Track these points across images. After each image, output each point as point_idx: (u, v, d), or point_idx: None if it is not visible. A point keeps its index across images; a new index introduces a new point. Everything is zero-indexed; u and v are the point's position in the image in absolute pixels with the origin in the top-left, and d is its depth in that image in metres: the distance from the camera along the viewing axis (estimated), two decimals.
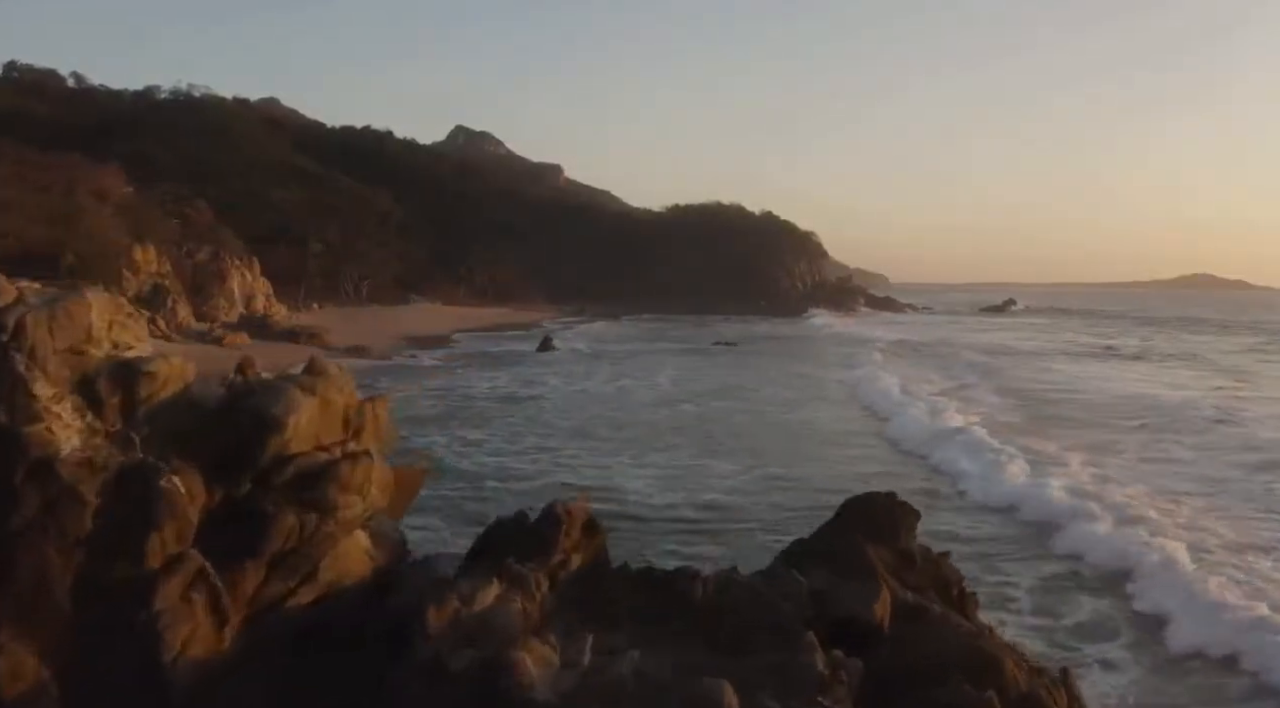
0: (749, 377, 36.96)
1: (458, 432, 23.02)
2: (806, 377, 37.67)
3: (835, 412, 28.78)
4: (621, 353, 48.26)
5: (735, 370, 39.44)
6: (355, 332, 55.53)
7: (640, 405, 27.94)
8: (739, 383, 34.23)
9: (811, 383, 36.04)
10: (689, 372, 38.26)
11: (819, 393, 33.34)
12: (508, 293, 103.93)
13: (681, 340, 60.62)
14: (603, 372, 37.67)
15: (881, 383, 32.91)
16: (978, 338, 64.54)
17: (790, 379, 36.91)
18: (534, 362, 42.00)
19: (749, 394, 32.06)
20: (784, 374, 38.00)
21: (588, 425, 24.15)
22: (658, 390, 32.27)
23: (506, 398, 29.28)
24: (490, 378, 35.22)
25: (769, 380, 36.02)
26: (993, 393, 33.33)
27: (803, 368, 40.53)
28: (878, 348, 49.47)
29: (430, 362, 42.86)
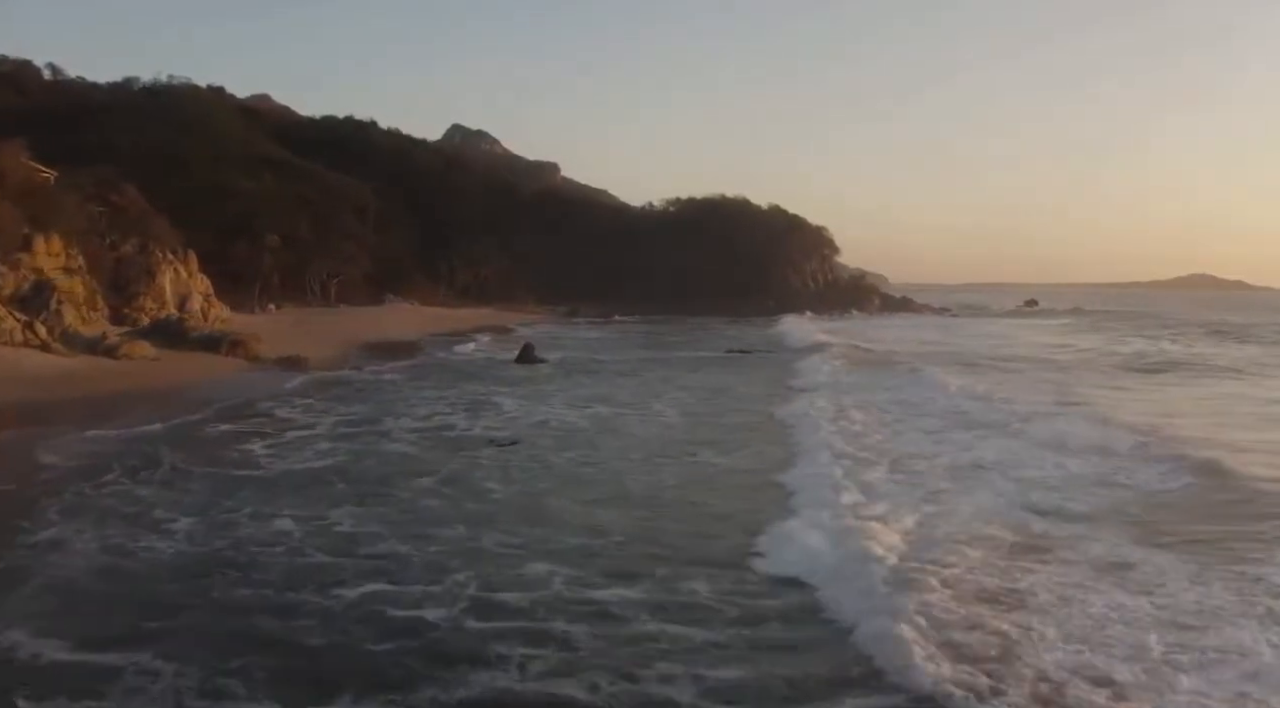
0: (785, 402, 28.30)
1: (308, 513, 14.05)
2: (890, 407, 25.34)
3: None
4: (615, 364, 40.00)
5: (766, 391, 30.88)
6: (304, 337, 47.45)
7: (637, 466, 18.25)
8: (775, 413, 25.73)
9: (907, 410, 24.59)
10: (703, 394, 29.67)
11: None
12: (494, 292, 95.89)
13: (686, 346, 52.33)
14: (587, 392, 29.26)
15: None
16: (1043, 344, 55.22)
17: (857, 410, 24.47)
18: (505, 377, 33.83)
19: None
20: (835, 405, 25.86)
21: (540, 518, 13.79)
22: (661, 427, 23.61)
23: (435, 443, 20.90)
24: (436, 401, 27.00)
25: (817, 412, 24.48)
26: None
27: (874, 393, 29.36)
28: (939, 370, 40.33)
29: (377, 374, 34.72)
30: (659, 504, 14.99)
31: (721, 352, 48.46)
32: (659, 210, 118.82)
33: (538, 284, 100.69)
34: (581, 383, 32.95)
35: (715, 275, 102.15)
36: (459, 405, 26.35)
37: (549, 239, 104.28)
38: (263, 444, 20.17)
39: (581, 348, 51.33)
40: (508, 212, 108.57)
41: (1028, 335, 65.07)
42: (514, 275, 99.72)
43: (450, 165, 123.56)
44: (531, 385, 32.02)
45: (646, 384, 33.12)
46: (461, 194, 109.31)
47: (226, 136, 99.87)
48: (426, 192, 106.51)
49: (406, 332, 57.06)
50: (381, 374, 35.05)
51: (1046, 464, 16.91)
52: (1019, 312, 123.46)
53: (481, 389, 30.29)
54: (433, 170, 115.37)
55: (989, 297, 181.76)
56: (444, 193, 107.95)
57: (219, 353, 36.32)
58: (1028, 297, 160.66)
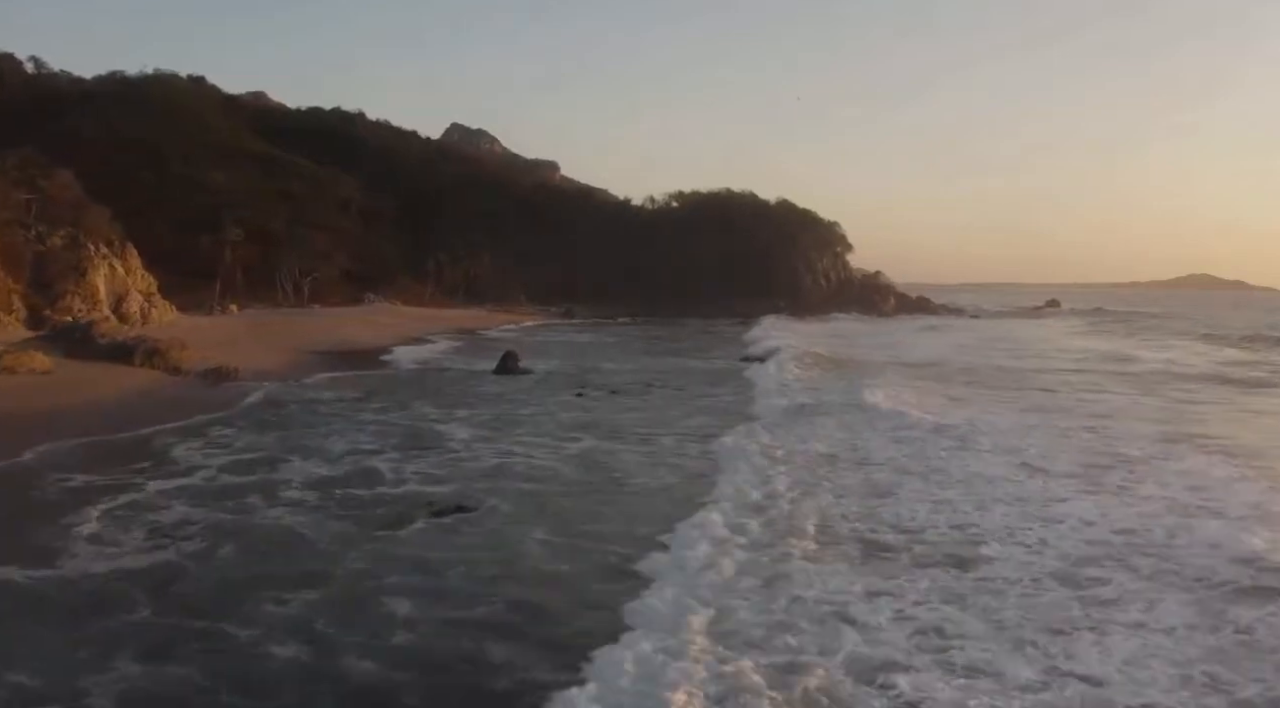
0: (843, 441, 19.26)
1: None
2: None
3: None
4: (612, 376, 33.55)
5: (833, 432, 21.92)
6: (254, 343, 41.12)
7: (645, 542, 12.61)
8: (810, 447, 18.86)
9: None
10: (729, 419, 23.29)
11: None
12: (484, 291, 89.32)
13: (695, 353, 45.89)
14: (575, 415, 22.99)
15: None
16: (1105, 354, 47.57)
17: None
18: (475, 394, 27.47)
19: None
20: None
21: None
22: (682, 475, 17.06)
23: (341, 508, 14.30)
24: (373, 429, 20.85)
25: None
26: None
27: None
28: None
29: (319, 390, 28.39)
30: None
31: (736, 359, 42.01)
32: (661, 205, 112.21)
33: (532, 283, 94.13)
34: (570, 403, 26.49)
35: (722, 274, 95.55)
36: (399, 437, 19.93)
37: (545, 236, 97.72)
38: (97, 512, 13.74)
39: (575, 355, 44.89)
40: (502, 207, 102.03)
41: (1074, 342, 58.28)
42: (507, 274, 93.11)
43: (441, 158, 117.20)
44: (505, 406, 25.56)
45: (652, 404, 26.69)
46: (453, 188, 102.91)
47: (203, 127, 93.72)
48: (416, 185, 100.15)
49: (380, 335, 50.69)
50: (323, 390, 28.63)
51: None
52: (1042, 312, 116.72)
53: (437, 412, 23.86)
54: (423, 163, 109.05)
55: (994, 296, 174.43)
56: (434, 187, 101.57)
57: (131, 364, 29.91)
58: (1028, 296, 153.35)
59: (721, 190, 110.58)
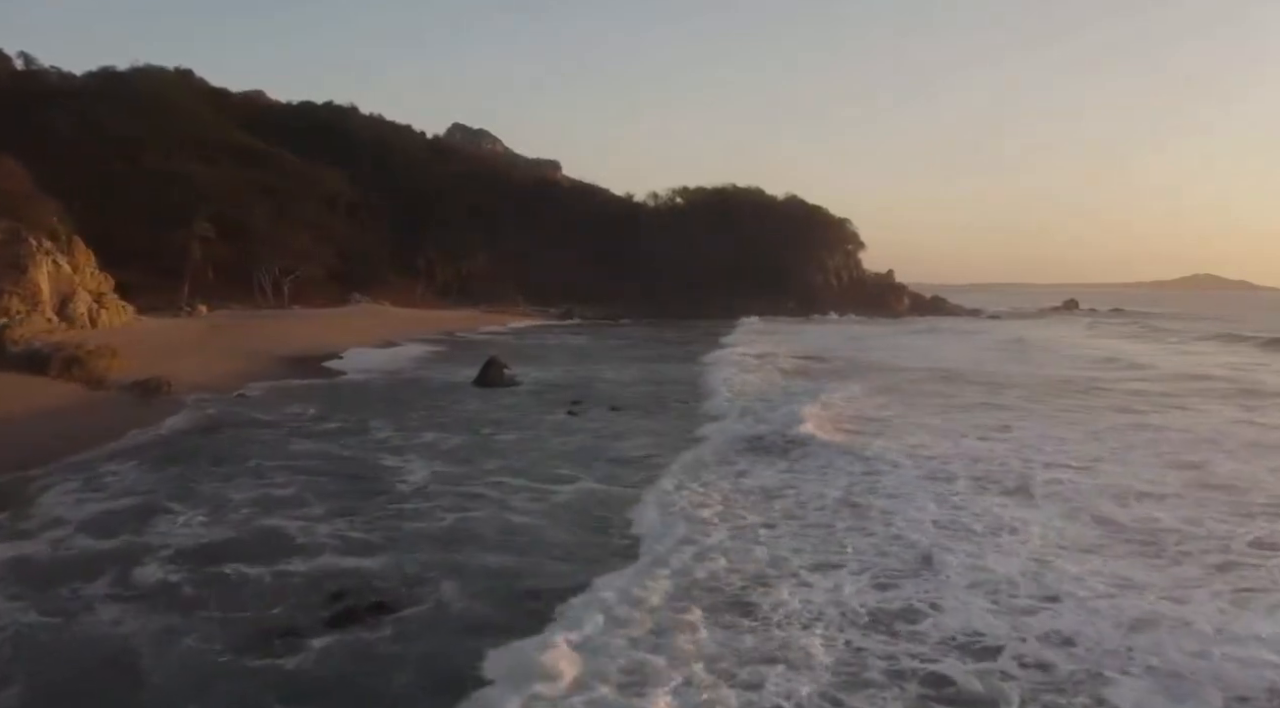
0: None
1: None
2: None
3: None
4: (613, 387, 28.96)
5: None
6: (210, 349, 36.66)
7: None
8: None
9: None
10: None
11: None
12: (479, 291, 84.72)
13: (707, 362, 41.19)
14: (564, 447, 18.37)
15: None
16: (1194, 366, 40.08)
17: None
18: (448, 413, 22.85)
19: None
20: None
21: None
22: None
23: (183, 612, 9.58)
24: (302, 466, 16.40)
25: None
26: None
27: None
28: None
29: (265, 407, 23.89)
30: None
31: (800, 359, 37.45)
32: (665, 202, 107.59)
33: (530, 283, 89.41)
34: (562, 424, 21.93)
35: (729, 273, 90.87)
36: (334, 476, 15.41)
37: (544, 234, 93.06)
38: None
39: (573, 360, 40.36)
40: (499, 203, 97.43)
41: (1126, 347, 53.16)
42: (503, 273, 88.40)
43: (437, 153, 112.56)
44: (482, 428, 20.97)
45: (661, 424, 22.10)
46: (448, 184, 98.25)
47: (186, 120, 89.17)
48: (410, 181, 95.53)
49: (358, 339, 46.08)
50: (269, 407, 24.07)
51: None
52: (1062, 313, 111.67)
53: (397, 436, 19.36)
54: (418, 159, 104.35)
55: (1002, 296, 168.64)
56: (429, 183, 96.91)
57: (46, 374, 25.42)
58: (1037, 296, 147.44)
59: (727, 186, 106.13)
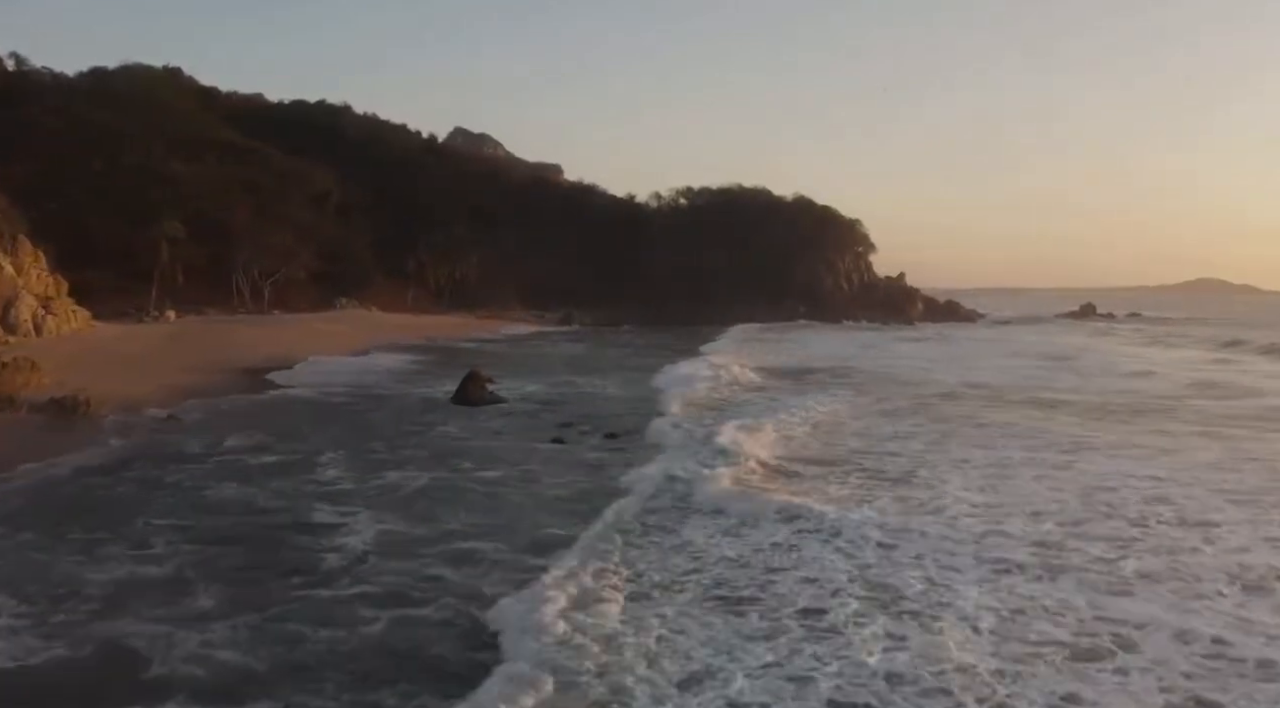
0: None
1: None
2: None
3: None
4: (611, 404, 24.93)
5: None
6: (168, 358, 32.81)
7: None
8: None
9: None
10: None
11: None
12: (474, 296, 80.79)
13: (752, 367, 37.17)
14: (549, 495, 14.35)
15: None
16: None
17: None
18: (415, 442, 18.75)
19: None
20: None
21: None
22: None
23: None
24: (200, 533, 12.28)
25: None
26: None
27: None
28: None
29: (197, 435, 19.93)
30: None
31: (791, 373, 33.51)
32: (668, 202, 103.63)
33: (527, 286, 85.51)
34: (549, 456, 17.97)
35: (735, 277, 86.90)
36: (238, 543, 11.53)
37: (541, 235, 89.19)
38: None
39: (568, 371, 36.44)
40: (496, 204, 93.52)
41: (1164, 356, 49.20)
42: (499, 276, 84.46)
43: (432, 153, 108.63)
44: (451, 461, 17.02)
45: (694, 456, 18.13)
46: (443, 184, 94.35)
47: (169, 117, 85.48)
48: (403, 181, 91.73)
49: (334, 346, 42.27)
50: (203, 432, 20.12)
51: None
52: (1081, 318, 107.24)
53: (345, 476, 15.44)
54: (411, 158, 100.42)
55: (1008, 300, 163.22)
56: (422, 181, 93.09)
57: None
58: (1045, 301, 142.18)
59: (733, 186, 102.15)
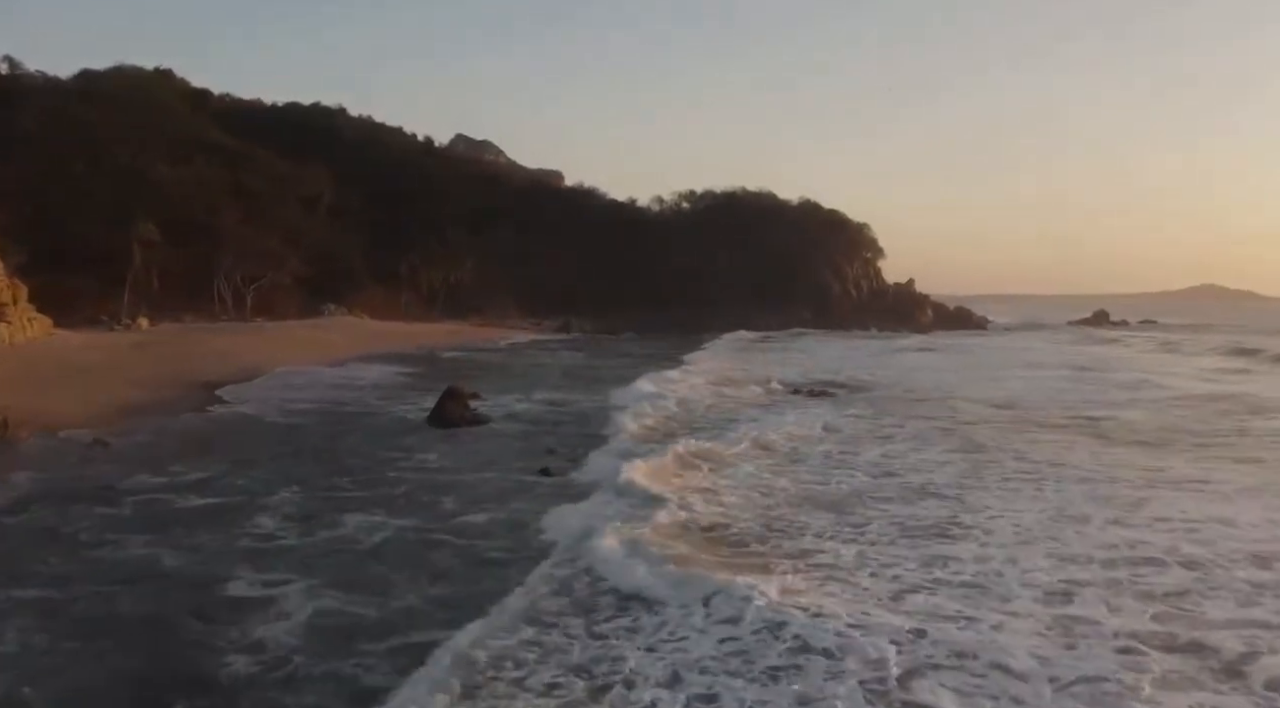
0: None
1: None
2: None
3: None
4: (612, 430, 22.00)
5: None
6: (114, 373, 30.00)
7: None
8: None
9: None
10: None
11: None
12: (468, 301, 78.01)
13: (731, 382, 34.41)
14: (526, 553, 11.14)
15: None
16: None
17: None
18: (376, 476, 15.57)
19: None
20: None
21: None
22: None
23: None
24: (65, 624, 9.03)
25: None
26: None
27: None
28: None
29: (126, 469, 17.01)
30: None
31: (787, 388, 30.63)
32: (670, 206, 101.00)
33: (525, 293, 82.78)
34: (535, 492, 15.07)
35: (739, 282, 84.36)
36: (111, 652, 8.63)
37: (540, 240, 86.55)
38: None
39: (563, 384, 33.62)
40: (493, 208, 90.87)
41: (1183, 364, 46.20)
42: (496, 282, 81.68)
43: (428, 156, 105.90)
44: (421, 498, 14.15)
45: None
46: (439, 187, 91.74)
47: (157, 118, 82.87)
48: (398, 185, 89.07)
49: (316, 356, 39.49)
50: (133, 466, 17.24)
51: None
52: (1096, 327, 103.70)
53: (285, 531, 12.48)
54: (406, 161, 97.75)
55: (1013, 307, 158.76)
56: (418, 185, 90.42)
57: None
58: (1052, 308, 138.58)
59: (737, 189, 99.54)
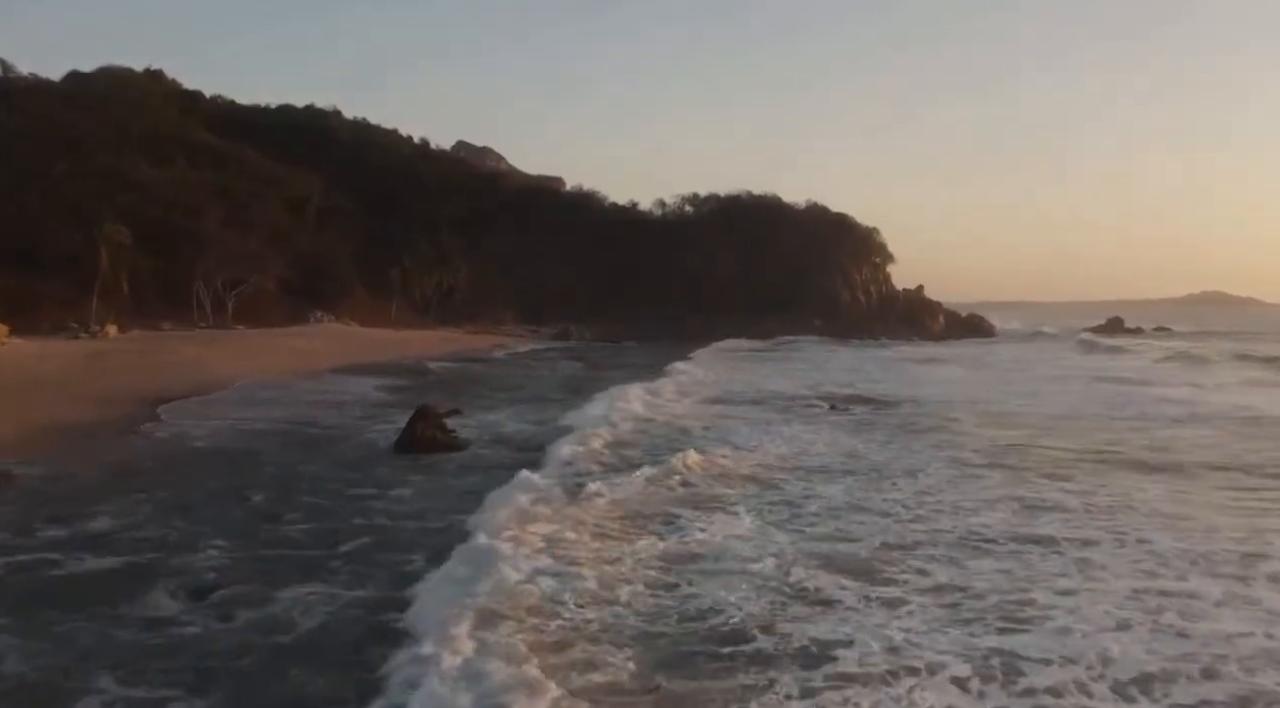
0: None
1: None
2: None
3: None
4: (609, 460, 18.84)
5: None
6: (54, 387, 27.08)
7: None
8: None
9: None
10: None
11: None
12: (463, 308, 75.19)
13: (741, 397, 31.33)
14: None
15: None
16: None
17: None
18: (320, 526, 12.21)
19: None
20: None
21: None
22: None
23: None
24: None
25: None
26: None
27: None
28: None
29: (24, 508, 13.78)
30: None
31: (807, 402, 27.58)
32: (673, 210, 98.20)
33: (523, 299, 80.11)
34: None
35: (745, 289, 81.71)
36: None
37: (538, 244, 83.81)
38: None
39: (562, 398, 30.60)
40: (489, 212, 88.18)
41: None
42: (492, 288, 78.99)
43: (424, 158, 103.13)
44: (376, 554, 11.15)
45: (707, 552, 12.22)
46: (434, 190, 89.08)
47: (144, 120, 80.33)
48: (392, 187, 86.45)
49: (292, 367, 36.54)
50: (32, 504, 14.26)
51: None
52: (1114, 335, 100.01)
53: (185, 622, 9.34)
54: (400, 163, 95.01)
55: (1018, 314, 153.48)
56: (411, 188, 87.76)
57: None
58: (1057, 315, 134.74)
59: (742, 192, 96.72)
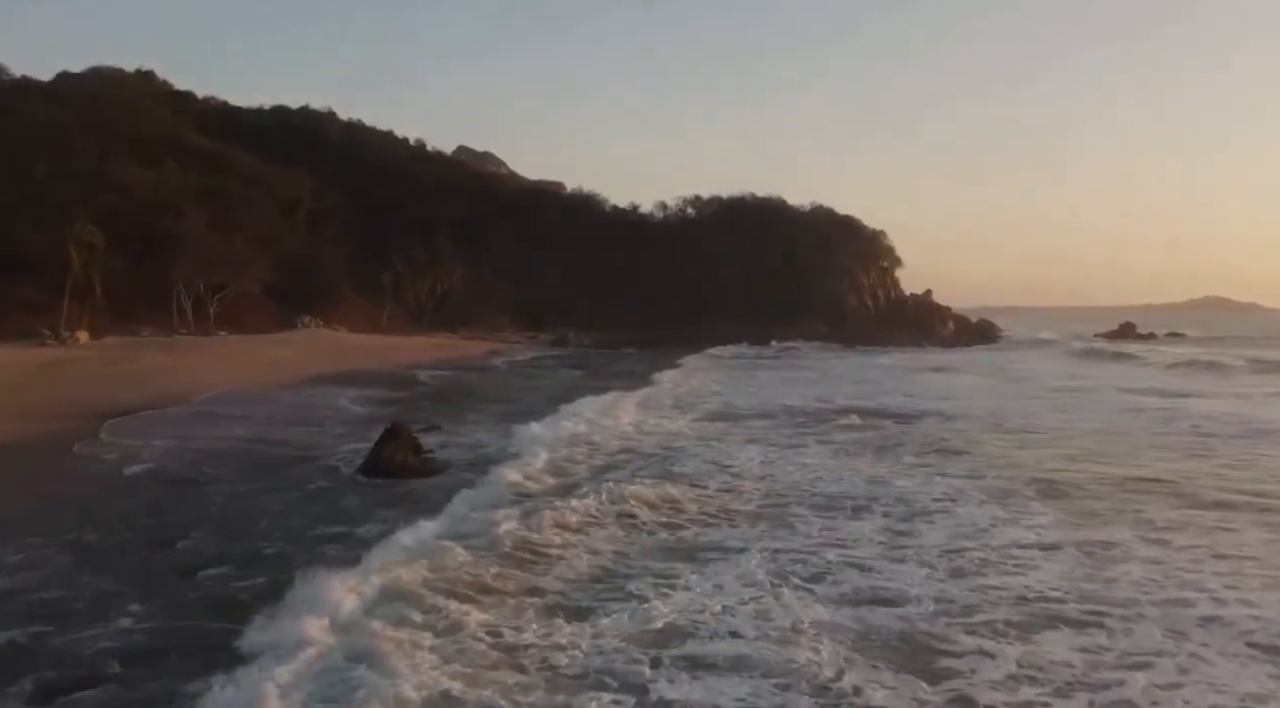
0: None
1: None
2: None
3: None
4: (600, 468, 16.27)
5: None
6: (21, 393, 24.71)
7: None
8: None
9: None
10: None
11: None
12: (458, 313, 72.74)
13: (751, 413, 28.82)
14: None
15: None
16: None
17: None
18: (263, 575, 9.56)
19: None
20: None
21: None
22: None
23: None
24: None
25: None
26: None
27: None
28: None
29: None
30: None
31: (831, 414, 25.11)
32: (674, 212, 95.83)
33: (521, 304, 77.77)
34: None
35: (749, 293, 79.35)
36: None
37: (536, 247, 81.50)
38: None
39: (546, 410, 28.11)
40: (486, 214, 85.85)
41: None
42: (489, 292, 76.62)
43: (419, 160, 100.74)
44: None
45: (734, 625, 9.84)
46: (430, 192, 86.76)
47: (132, 121, 78.16)
48: (386, 190, 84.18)
49: (271, 376, 34.15)
50: None
51: None
52: (1128, 341, 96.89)
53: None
54: (394, 165, 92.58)
55: (1022, 319, 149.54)
56: (405, 190, 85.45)
57: None
58: (1059, 321, 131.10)
59: (745, 195, 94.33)
